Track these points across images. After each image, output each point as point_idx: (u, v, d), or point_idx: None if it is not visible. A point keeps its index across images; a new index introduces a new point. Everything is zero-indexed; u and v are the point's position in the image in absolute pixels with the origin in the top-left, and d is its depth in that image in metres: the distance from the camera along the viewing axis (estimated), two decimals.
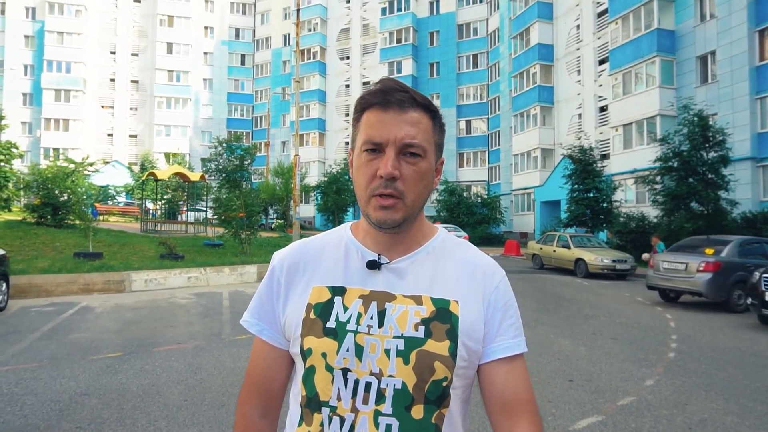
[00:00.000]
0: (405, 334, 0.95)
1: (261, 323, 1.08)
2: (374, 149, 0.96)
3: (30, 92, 50.13)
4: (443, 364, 0.94)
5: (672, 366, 6.11)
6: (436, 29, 45.29)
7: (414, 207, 0.99)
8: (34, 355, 6.15)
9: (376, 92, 0.98)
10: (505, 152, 38.91)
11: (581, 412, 4.51)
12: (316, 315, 1.00)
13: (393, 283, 1.01)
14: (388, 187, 0.95)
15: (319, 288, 1.03)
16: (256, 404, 1.07)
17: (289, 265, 1.07)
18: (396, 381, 0.94)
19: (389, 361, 0.94)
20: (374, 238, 1.04)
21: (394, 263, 1.02)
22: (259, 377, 1.08)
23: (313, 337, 0.98)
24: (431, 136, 1.01)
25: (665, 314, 9.83)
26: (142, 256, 14.76)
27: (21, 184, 20.86)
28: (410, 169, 0.96)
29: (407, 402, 0.93)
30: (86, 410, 4.38)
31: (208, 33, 56.97)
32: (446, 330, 0.96)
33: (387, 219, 0.96)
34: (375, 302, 0.99)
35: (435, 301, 0.99)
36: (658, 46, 23.30)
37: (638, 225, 20.49)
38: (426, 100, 1.01)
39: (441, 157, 1.07)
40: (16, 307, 9.41)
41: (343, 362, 0.95)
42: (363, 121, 0.99)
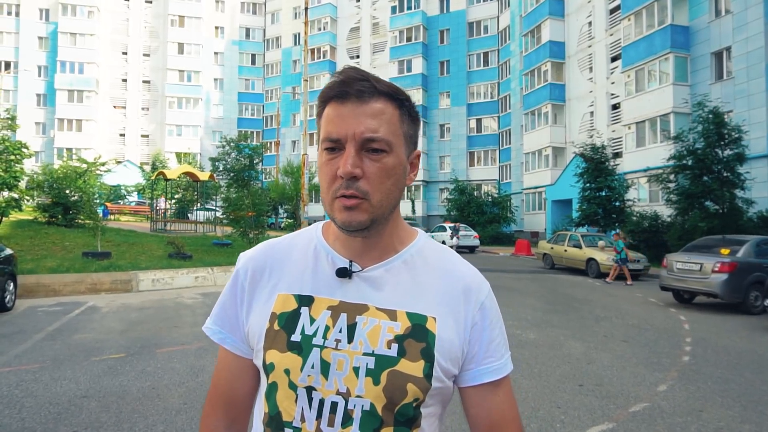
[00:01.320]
0: (376, 351, 0.87)
1: (224, 331, 1.00)
2: (333, 147, 0.88)
3: (44, 93, 50.69)
4: (416, 386, 0.87)
5: (686, 370, 5.92)
6: (446, 27, 45.04)
7: (382, 207, 0.89)
8: (37, 356, 6.11)
9: (335, 84, 0.89)
10: (516, 151, 38.60)
11: (591, 419, 4.36)
12: (280, 326, 0.91)
13: (365, 294, 0.92)
14: (349, 187, 0.86)
15: (284, 296, 0.94)
16: (221, 416, 1.00)
17: (253, 268, 0.98)
18: (364, 402, 0.86)
19: (358, 380, 0.86)
20: (344, 242, 0.95)
21: (367, 271, 0.93)
22: (224, 388, 1.01)
23: (276, 351, 0.90)
24: (398, 127, 0.90)
25: (679, 316, 9.60)
26: (150, 256, 14.77)
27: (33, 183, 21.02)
28: (374, 167, 0.87)
29: (376, 425, 0.86)
30: (84, 413, 4.31)
31: (218, 33, 57.21)
32: (421, 349, 0.88)
33: (351, 221, 0.87)
34: (345, 314, 0.90)
35: (411, 316, 0.90)
36: (672, 42, 22.91)
37: (651, 224, 20.16)
38: (391, 88, 0.90)
39: (416, 150, 0.96)
40: (24, 307, 9.43)
41: (308, 380, 0.87)
42: (324, 116, 0.90)
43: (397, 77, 45.29)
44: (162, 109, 54.16)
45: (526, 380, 5.41)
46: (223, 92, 56.83)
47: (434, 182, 44.74)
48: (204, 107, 55.30)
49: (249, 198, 17.48)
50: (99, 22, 51.56)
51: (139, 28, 54.32)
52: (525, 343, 7.13)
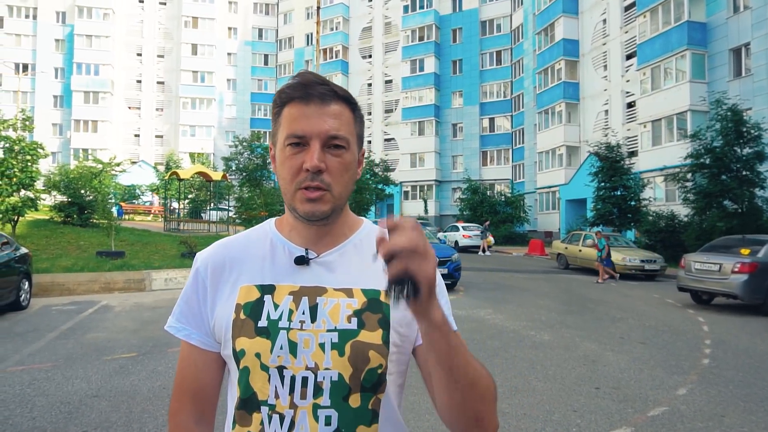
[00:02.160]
0: (338, 326, 0.96)
1: (189, 327, 1.04)
2: (298, 143, 0.96)
3: (60, 94, 51.37)
4: (377, 353, 0.96)
5: (706, 374, 5.77)
6: (458, 26, 44.83)
7: (341, 198, 0.99)
8: (50, 355, 6.14)
9: (297, 86, 0.97)
10: (530, 150, 38.29)
11: (608, 423, 4.25)
12: (246, 315, 0.98)
13: (323, 277, 1.01)
14: (314, 179, 0.94)
15: (247, 287, 1.01)
16: (190, 412, 1.04)
17: (213, 265, 1.05)
18: (332, 373, 0.94)
19: (324, 354, 0.95)
20: (300, 232, 1.03)
21: (323, 257, 1.02)
22: (191, 383, 1.04)
23: (245, 337, 0.96)
24: (353, 128, 1.01)
25: (697, 317, 9.40)
26: (164, 255, 14.85)
27: (49, 184, 21.28)
28: (335, 161, 0.96)
29: (344, 392, 0.94)
30: (95, 413, 4.30)
31: (231, 34, 57.52)
32: (378, 319, 0.98)
33: (315, 211, 0.96)
34: (306, 297, 0.98)
35: (366, 292, 1.00)
36: (689, 39, 22.55)
37: (668, 224, 19.85)
38: (346, 93, 1.01)
39: (362, 149, 1.06)
40: (39, 306, 9.51)
41: (278, 360, 0.95)
42: (284, 116, 0.98)
43: (410, 77, 45.20)
44: (176, 109, 54.59)
45: (540, 383, 5.31)
46: (236, 92, 57.11)
47: (447, 182, 44.56)
48: (217, 108, 55.64)
49: (261, 197, 17.52)
50: (114, 24, 52.13)
51: (153, 29, 54.81)
52: (539, 344, 7.01)
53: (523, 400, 4.76)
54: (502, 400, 4.74)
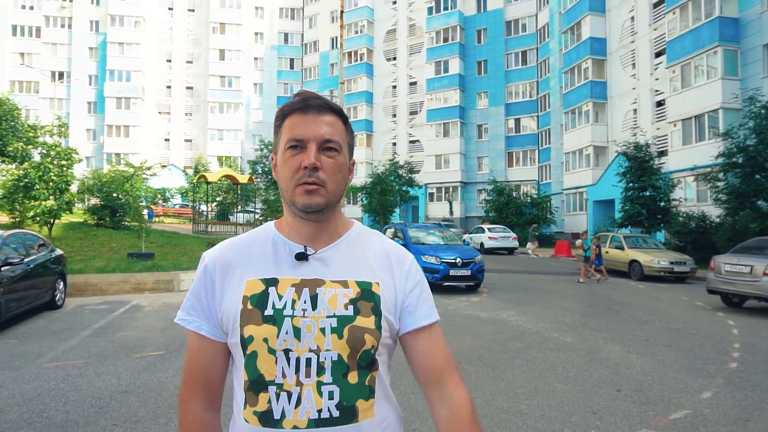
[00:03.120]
0: (337, 313, 1.09)
1: (198, 319, 1.15)
2: (296, 146, 1.10)
3: (94, 101, 53.01)
4: (371, 336, 1.10)
5: (733, 377, 5.64)
6: (483, 27, 44.58)
7: (334, 195, 1.12)
8: (83, 352, 6.37)
9: (297, 101, 1.13)
10: (556, 150, 37.81)
11: (628, 426, 4.21)
12: (253, 305, 1.09)
13: (320, 271, 1.13)
14: (311, 176, 1.08)
15: (252, 281, 1.12)
16: (200, 399, 1.14)
17: (222, 263, 1.16)
18: (332, 354, 1.07)
19: (325, 337, 1.07)
20: (299, 231, 1.15)
21: (320, 253, 1.15)
22: (201, 372, 1.15)
23: (253, 325, 1.07)
24: (344, 136, 1.15)
25: (727, 320, 9.17)
26: (192, 257, 15.19)
27: (83, 187, 21.98)
28: (329, 162, 1.10)
29: (344, 370, 1.07)
30: (124, 408, 4.47)
31: (258, 39, 58.42)
32: (371, 307, 1.11)
33: (312, 203, 1.08)
34: (306, 288, 1.10)
35: (359, 283, 1.13)
36: (720, 35, 21.98)
37: (699, 225, 19.36)
38: (338, 108, 1.16)
39: (352, 159, 1.20)
40: (73, 305, 9.85)
41: (284, 344, 1.06)
42: (285, 126, 1.13)
43: (434, 78, 45.14)
44: (204, 114, 55.71)
45: (561, 384, 5.28)
46: (263, 96, 57.96)
47: (472, 183, 44.33)
48: (244, 111, 56.57)
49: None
50: (144, 31, 53.55)
51: (182, 36, 56.09)
52: (561, 346, 6.96)
53: (543, 402, 4.75)
54: (521, 401, 4.75)
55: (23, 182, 15.57)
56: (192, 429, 1.13)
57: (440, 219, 38.66)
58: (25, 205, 15.64)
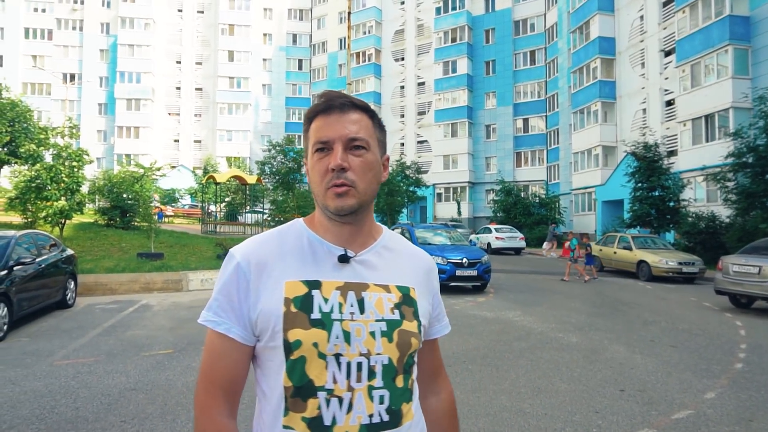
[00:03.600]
0: (385, 317, 1.09)
1: (229, 321, 1.08)
2: (323, 148, 1.08)
3: (105, 102, 53.54)
4: (416, 339, 1.12)
5: (738, 378, 5.63)
6: (491, 27, 44.48)
7: (366, 194, 1.09)
8: (92, 350, 6.49)
9: (320, 102, 1.11)
10: (565, 150, 37.66)
11: (630, 425, 4.23)
12: (297, 308, 1.05)
13: (363, 274, 1.11)
14: (339, 177, 1.05)
15: (292, 282, 1.07)
16: (222, 406, 1.07)
17: (256, 261, 1.09)
18: (383, 358, 1.07)
19: (375, 341, 1.06)
20: (334, 232, 1.13)
21: (360, 256, 1.13)
22: (224, 377, 1.08)
23: (300, 329, 1.04)
24: (373, 132, 1.12)
25: (735, 321, 9.13)
26: (200, 257, 15.33)
27: (93, 188, 22.23)
28: (357, 161, 1.07)
29: (393, 374, 1.08)
30: (132, 405, 4.55)
31: (266, 40, 58.68)
32: (412, 312, 1.13)
33: (343, 205, 1.06)
34: (352, 292, 1.08)
35: (400, 288, 1.14)
36: (731, 33, 21.80)
37: (708, 225, 19.22)
38: (364, 104, 1.13)
39: (386, 154, 1.18)
40: (83, 304, 9.99)
41: (335, 348, 1.04)
42: (311, 129, 1.10)
43: (442, 78, 45.11)
44: (213, 115, 56.07)
45: (564, 384, 5.30)
46: (271, 97, 58.21)
47: (480, 183, 44.24)
48: (253, 112, 56.86)
49: (294, 200, 17.86)
50: (154, 33, 54.00)
51: (191, 37, 56.49)
52: (566, 346, 6.98)
53: (545, 401, 4.78)
54: (523, 400, 4.78)
55: (35, 183, 15.80)
56: None
57: (448, 219, 38.65)
58: (37, 206, 15.87)
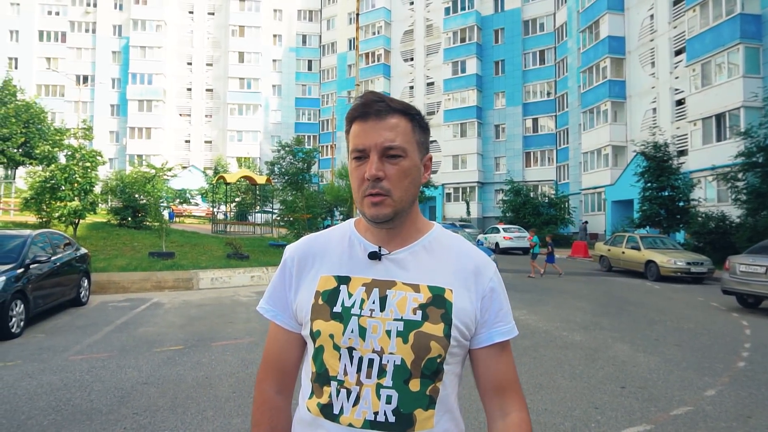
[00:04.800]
0: (404, 317, 1.08)
1: (275, 309, 1.21)
2: (360, 156, 1.10)
3: (117, 103, 54.17)
4: (438, 344, 1.07)
5: (740, 376, 5.68)
6: (500, 26, 44.41)
7: (402, 202, 1.10)
8: (106, 346, 6.67)
9: (358, 106, 1.12)
10: (574, 150, 37.54)
11: (628, 421, 4.31)
12: (323, 301, 1.12)
13: (392, 272, 1.12)
14: (374, 187, 1.07)
15: (326, 277, 1.15)
16: (272, 382, 1.21)
17: (299, 257, 1.20)
18: (396, 358, 1.06)
19: (390, 340, 1.07)
20: (374, 232, 1.16)
21: (393, 254, 1.14)
22: (274, 358, 1.21)
23: (321, 320, 1.11)
24: (411, 136, 1.12)
25: (741, 321, 9.13)
26: (211, 256, 15.53)
27: (106, 188, 22.57)
28: (393, 169, 1.08)
29: (406, 376, 1.06)
30: (144, 398, 4.71)
31: (276, 41, 59.02)
32: (441, 314, 1.09)
33: (378, 214, 1.08)
34: (377, 289, 1.11)
35: (432, 288, 1.11)
36: (742, 32, 21.65)
37: (718, 225, 19.11)
38: (403, 105, 1.13)
39: (428, 154, 1.18)
40: (97, 302, 10.21)
41: (349, 342, 1.08)
42: (351, 133, 1.12)
43: (451, 78, 45.12)
44: (224, 115, 56.50)
45: (566, 381, 5.39)
46: (281, 98, 58.54)
47: (489, 183, 44.20)
48: (263, 113, 57.21)
49: (303, 200, 18.02)
50: (166, 35, 54.52)
51: (202, 39, 56.98)
52: (570, 344, 7.05)
53: (546, 397, 4.88)
54: (525, 396, 4.86)
55: (50, 184, 16.11)
56: (261, 408, 1.20)
57: (457, 219, 38.68)
58: (51, 206, 16.18)
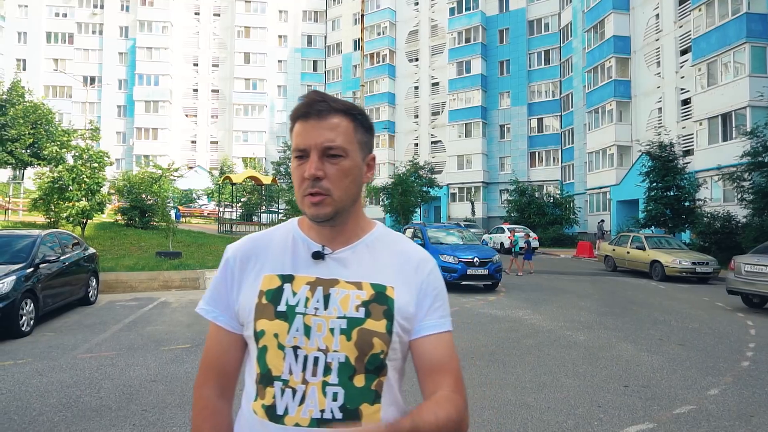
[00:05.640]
0: (347, 314, 1.08)
1: (216, 310, 1.18)
2: (301, 155, 1.10)
3: (124, 104, 54.51)
4: (380, 340, 1.09)
5: (743, 375, 5.70)
6: (505, 27, 44.39)
7: (343, 201, 1.10)
8: (114, 345, 6.76)
9: (300, 106, 1.12)
10: (579, 150, 37.48)
11: (631, 419, 4.35)
12: (267, 300, 1.11)
13: (336, 271, 1.13)
14: (314, 186, 1.07)
15: (269, 276, 1.14)
16: (213, 385, 1.18)
17: (241, 256, 1.18)
18: (340, 355, 1.07)
19: (334, 338, 1.07)
20: (317, 231, 1.16)
21: (337, 253, 1.15)
22: (215, 360, 1.19)
23: (265, 320, 1.10)
24: (353, 136, 1.12)
25: (746, 321, 9.13)
26: (217, 256, 15.62)
27: (114, 189, 22.76)
28: (333, 169, 1.08)
29: (350, 372, 1.07)
30: (153, 395, 4.79)
31: (282, 42, 59.19)
32: (383, 311, 1.10)
33: (319, 213, 1.09)
34: (321, 287, 1.11)
35: (374, 286, 1.12)
36: (748, 31, 21.58)
37: (724, 225, 19.05)
38: (345, 105, 1.13)
39: (370, 154, 1.18)
40: (105, 301, 10.31)
41: (294, 341, 1.08)
42: (293, 132, 1.13)
43: (456, 78, 45.13)
44: (230, 116, 56.74)
45: (569, 380, 5.42)
46: (287, 98, 58.70)
47: (494, 183, 44.18)
48: (268, 113, 57.41)
49: None
50: (172, 36, 54.83)
51: (208, 40, 57.24)
52: (573, 344, 7.08)
53: (549, 395, 4.91)
54: (528, 394, 4.91)
55: (58, 184, 16.27)
56: (201, 413, 1.17)
57: (462, 219, 38.65)
58: (59, 206, 16.34)
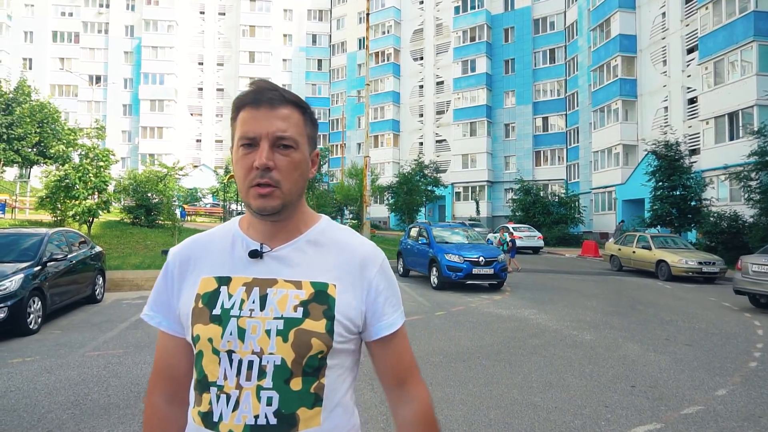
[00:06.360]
0: (284, 315, 1.04)
1: (159, 315, 1.16)
2: (249, 144, 1.04)
3: (129, 103, 54.70)
4: (320, 340, 1.04)
5: (751, 376, 5.68)
6: (511, 25, 44.25)
7: (291, 194, 1.06)
8: (121, 342, 6.79)
9: (249, 93, 1.07)
10: (585, 149, 37.35)
11: (638, 419, 4.33)
12: (203, 304, 1.08)
13: (274, 270, 1.08)
14: (264, 176, 1.02)
15: (207, 279, 1.10)
16: (162, 391, 1.16)
17: (181, 259, 1.15)
18: (276, 358, 1.02)
19: (270, 340, 1.03)
20: (257, 228, 1.11)
21: (276, 251, 1.10)
22: (163, 365, 1.17)
23: (201, 324, 1.06)
24: (302, 129, 1.08)
25: (753, 321, 9.09)
26: None
27: (119, 188, 22.85)
28: (284, 160, 1.04)
29: (286, 376, 1.03)
30: None
31: (286, 40, 59.26)
32: (323, 310, 1.05)
33: (266, 206, 1.04)
34: (257, 288, 1.07)
35: (314, 284, 1.07)
36: (756, 29, 21.43)
37: (730, 225, 18.95)
38: (296, 98, 1.09)
39: (315, 150, 1.14)
40: (111, 299, 10.35)
41: (228, 345, 1.04)
42: (238, 120, 1.07)
43: (461, 77, 45.04)
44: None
45: (575, 380, 5.41)
46: None
47: (499, 182, 44.09)
48: None
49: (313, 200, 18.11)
50: (177, 35, 54.99)
51: (213, 39, 57.38)
52: (579, 343, 7.06)
53: (556, 395, 4.90)
54: (535, 394, 4.90)
55: (64, 183, 16.35)
56: (151, 420, 1.16)
57: (467, 218, 38.62)
58: (66, 205, 16.42)
